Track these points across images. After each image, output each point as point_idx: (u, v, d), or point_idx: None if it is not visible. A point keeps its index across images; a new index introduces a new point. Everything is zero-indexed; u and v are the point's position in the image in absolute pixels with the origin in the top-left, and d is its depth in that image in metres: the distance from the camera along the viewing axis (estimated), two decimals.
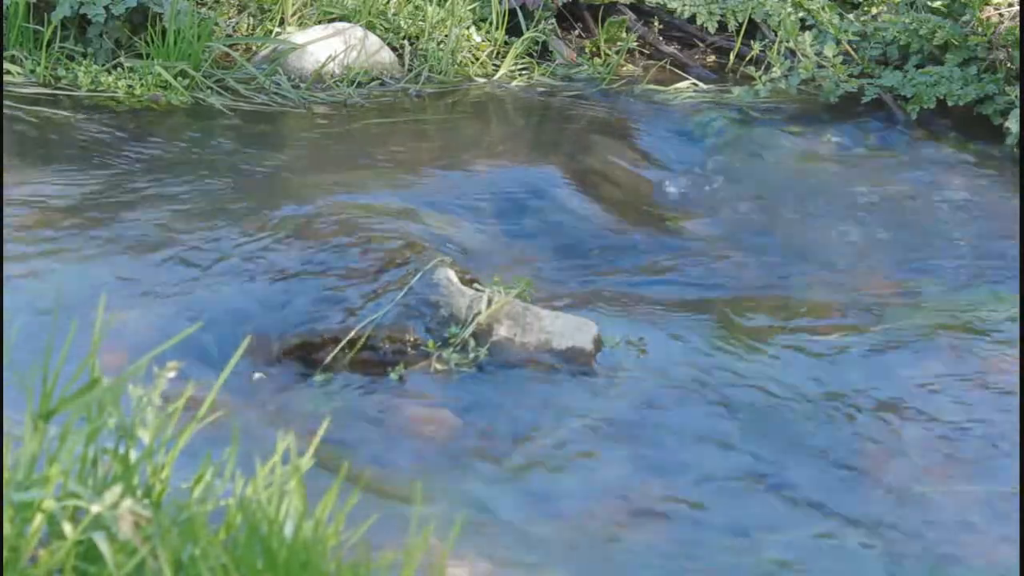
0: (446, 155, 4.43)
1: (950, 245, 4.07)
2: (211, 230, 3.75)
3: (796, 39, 4.85)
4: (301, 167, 4.28)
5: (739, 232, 4.11)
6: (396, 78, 4.95)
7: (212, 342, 3.25)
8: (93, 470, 2.10)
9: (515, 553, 2.70)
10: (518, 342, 3.31)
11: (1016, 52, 4.59)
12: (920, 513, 2.88)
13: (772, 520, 2.86)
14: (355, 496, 2.17)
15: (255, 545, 2.05)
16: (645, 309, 3.60)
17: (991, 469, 3.03)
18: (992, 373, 3.34)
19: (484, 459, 3.01)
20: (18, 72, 4.65)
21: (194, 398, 2.29)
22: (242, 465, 2.19)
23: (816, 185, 4.36)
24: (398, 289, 3.40)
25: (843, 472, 2.99)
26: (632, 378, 3.27)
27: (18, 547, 1.95)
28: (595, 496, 2.90)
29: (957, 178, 4.42)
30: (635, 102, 4.92)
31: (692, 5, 5.26)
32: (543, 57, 5.22)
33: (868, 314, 3.63)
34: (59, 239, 3.68)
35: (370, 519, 2.18)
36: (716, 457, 3.03)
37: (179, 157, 4.27)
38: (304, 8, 5.10)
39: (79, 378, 2.07)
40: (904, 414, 3.18)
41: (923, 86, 4.66)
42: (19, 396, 2.06)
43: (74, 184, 4.01)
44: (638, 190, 4.38)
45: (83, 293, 3.41)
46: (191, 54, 4.72)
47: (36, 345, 2.18)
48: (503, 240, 3.93)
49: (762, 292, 3.76)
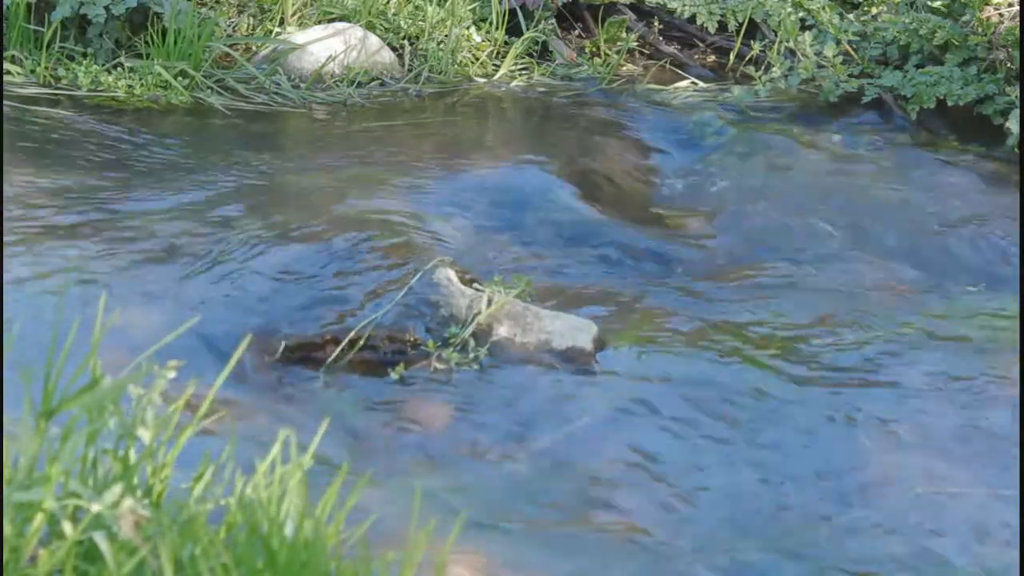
0: (446, 155, 4.43)
1: (950, 245, 4.07)
2: (211, 230, 3.75)
3: (796, 39, 4.85)
4: (301, 167, 4.28)
5: (738, 232, 4.11)
6: (396, 78, 4.96)
7: (212, 342, 3.25)
8: (93, 470, 2.10)
9: (515, 552, 2.70)
10: (518, 342, 3.31)
11: (1016, 52, 4.59)
12: (921, 513, 2.88)
13: (772, 520, 2.86)
14: (355, 495, 2.17)
15: (255, 544, 2.05)
16: (645, 309, 3.60)
17: (991, 469, 3.02)
18: (992, 373, 3.34)
19: (484, 459, 3.01)
20: (18, 72, 4.66)
21: (194, 398, 2.29)
22: (242, 464, 2.19)
23: (816, 185, 4.36)
24: (398, 289, 3.40)
25: (844, 472, 2.99)
26: (632, 378, 3.27)
27: (18, 547, 1.95)
28: (595, 496, 2.91)
29: (957, 178, 4.42)
30: (635, 102, 4.92)
31: (692, 5, 5.26)
32: (543, 57, 5.22)
33: (867, 314, 3.63)
34: (59, 239, 3.68)
35: (370, 518, 2.19)
36: (716, 457, 3.03)
37: (179, 157, 4.27)
38: (304, 8, 5.10)
39: (80, 377, 2.07)
40: (903, 414, 3.18)
41: (923, 86, 4.66)
42: (20, 396, 2.06)
43: (74, 184, 4.01)
44: (638, 190, 4.38)
45: (83, 293, 3.41)
46: (191, 54, 4.72)
47: (37, 345, 2.18)
48: (503, 240, 3.93)
49: (762, 291, 3.76)
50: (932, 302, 3.76)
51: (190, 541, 2.01)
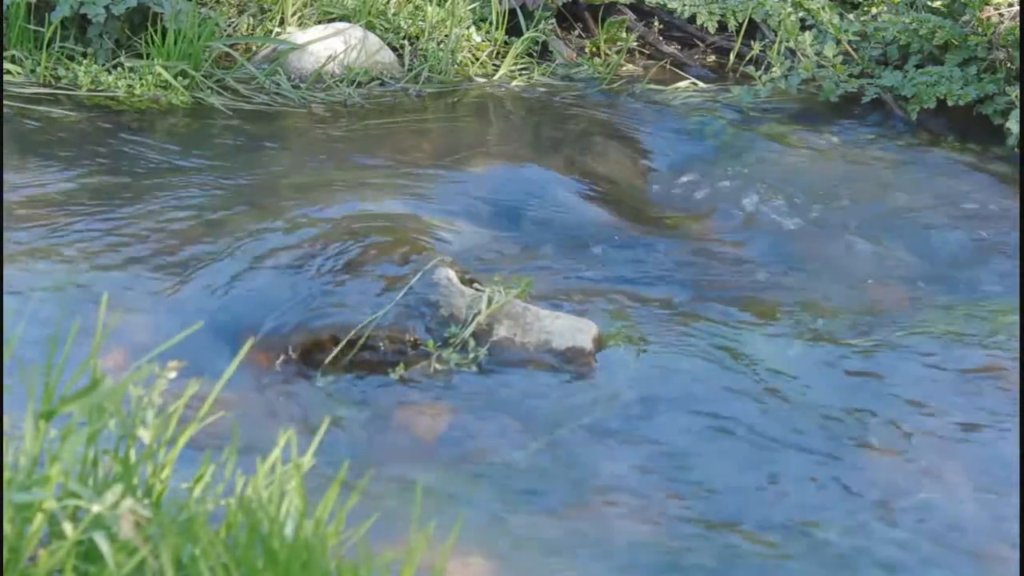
0: (446, 155, 4.43)
1: (950, 245, 4.07)
2: (211, 230, 3.75)
3: (796, 39, 4.85)
4: (301, 167, 4.28)
5: (738, 232, 4.11)
6: (396, 78, 4.96)
7: (213, 342, 3.25)
8: (93, 470, 2.10)
9: (515, 552, 2.70)
10: (518, 342, 3.31)
11: (1016, 52, 4.59)
12: (920, 514, 2.88)
13: (771, 520, 2.86)
14: (355, 495, 2.17)
15: (256, 544, 2.05)
16: (645, 309, 3.60)
17: (992, 469, 3.03)
18: (992, 373, 3.34)
19: (484, 459, 3.01)
20: (18, 72, 4.66)
21: (195, 398, 2.29)
22: (243, 465, 2.19)
23: (816, 185, 4.36)
24: (398, 289, 3.40)
25: (844, 473, 2.99)
26: (632, 378, 3.27)
27: (18, 547, 1.95)
28: (595, 496, 2.91)
29: (957, 178, 4.42)
30: (635, 102, 4.92)
31: (692, 5, 5.26)
32: (543, 57, 5.22)
33: (866, 313, 3.63)
34: (60, 239, 3.68)
35: (370, 518, 2.19)
36: (715, 458, 3.03)
37: (179, 157, 4.27)
38: (304, 8, 5.10)
39: (80, 378, 2.07)
40: (902, 413, 3.18)
41: (923, 86, 4.66)
42: (21, 396, 2.06)
43: (75, 184, 4.01)
44: (638, 190, 4.38)
45: (84, 293, 3.41)
46: (191, 54, 4.72)
47: (38, 345, 2.18)
48: (503, 240, 3.93)
49: (762, 292, 3.76)
50: (932, 301, 3.76)
51: (190, 541, 2.01)
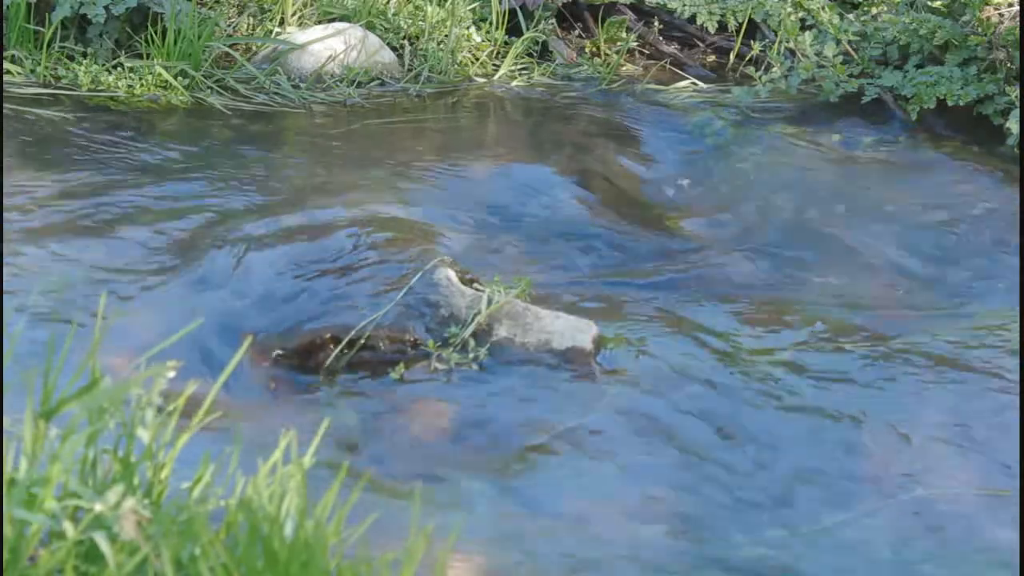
0: (446, 155, 4.43)
1: (950, 244, 4.07)
2: (211, 230, 3.75)
3: (796, 39, 4.85)
4: (301, 167, 4.28)
5: (739, 233, 4.11)
6: (396, 78, 4.96)
7: (213, 342, 3.25)
8: (93, 470, 2.10)
9: (516, 552, 2.70)
10: (518, 342, 3.31)
11: (1016, 52, 4.59)
12: (921, 514, 2.88)
13: (771, 520, 2.86)
14: (355, 495, 2.17)
15: (256, 544, 2.05)
16: (645, 309, 3.60)
17: (992, 469, 3.03)
18: (992, 373, 3.34)
19: (484, 459, 3.01)
20: (18, 72, 4.66)
21: (195, 398, 2.29)
22: (243, 464, 2.19)
23: (816, 185, 4.36)
24: (398, 289, 3.40)
25: (844, 474, 2.99)
26: (632, 379, 3.27)
27: (18, 547, 1.95)
28: (595, 496, 2.91)
29: (957, 178, 4.42)
30: (635, 102, 4.92)
31: (692, 5, 5.26)
32: (543, 57, 5.22)
33: (866, 314, 3.63)
34: (59, 239, 3.68)
35: (370, 518, 2.19)
36: (715, 458, 3.03)
37: (179, 157, 4.27)
38: (304, 8, 5.10)
39: (79, 378, 2.07)
40: (904, 413, 3.18)
41: (923, 86, 4.66)
42: (21, 396, 2.06)
43: (74, 184, 4.01)
44: (638, 190, 4.38)
45: (84, 293, 3.41)
46: (191, 54, 4.72)
47: (37, 345, 2.18)
48: (503, 240, 3.93)
49: (762, 292, 3.76)
50: (932, 301, 3.76)
51: (190, 541, 2.01)
